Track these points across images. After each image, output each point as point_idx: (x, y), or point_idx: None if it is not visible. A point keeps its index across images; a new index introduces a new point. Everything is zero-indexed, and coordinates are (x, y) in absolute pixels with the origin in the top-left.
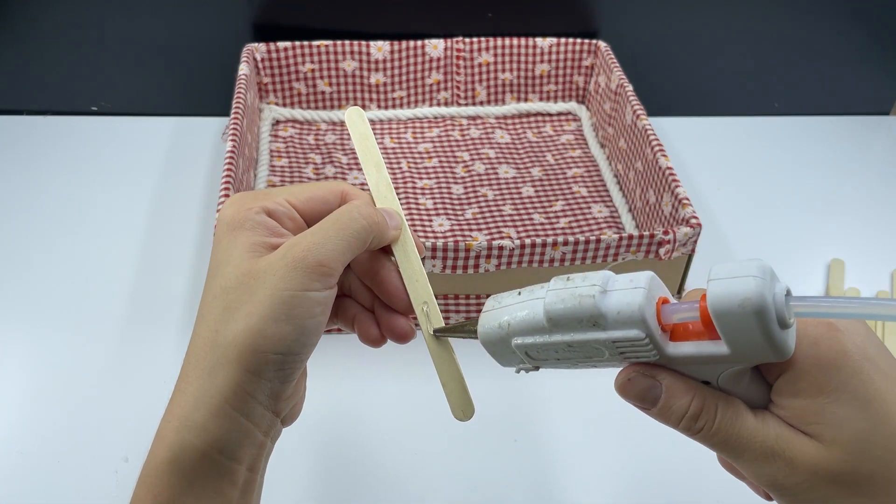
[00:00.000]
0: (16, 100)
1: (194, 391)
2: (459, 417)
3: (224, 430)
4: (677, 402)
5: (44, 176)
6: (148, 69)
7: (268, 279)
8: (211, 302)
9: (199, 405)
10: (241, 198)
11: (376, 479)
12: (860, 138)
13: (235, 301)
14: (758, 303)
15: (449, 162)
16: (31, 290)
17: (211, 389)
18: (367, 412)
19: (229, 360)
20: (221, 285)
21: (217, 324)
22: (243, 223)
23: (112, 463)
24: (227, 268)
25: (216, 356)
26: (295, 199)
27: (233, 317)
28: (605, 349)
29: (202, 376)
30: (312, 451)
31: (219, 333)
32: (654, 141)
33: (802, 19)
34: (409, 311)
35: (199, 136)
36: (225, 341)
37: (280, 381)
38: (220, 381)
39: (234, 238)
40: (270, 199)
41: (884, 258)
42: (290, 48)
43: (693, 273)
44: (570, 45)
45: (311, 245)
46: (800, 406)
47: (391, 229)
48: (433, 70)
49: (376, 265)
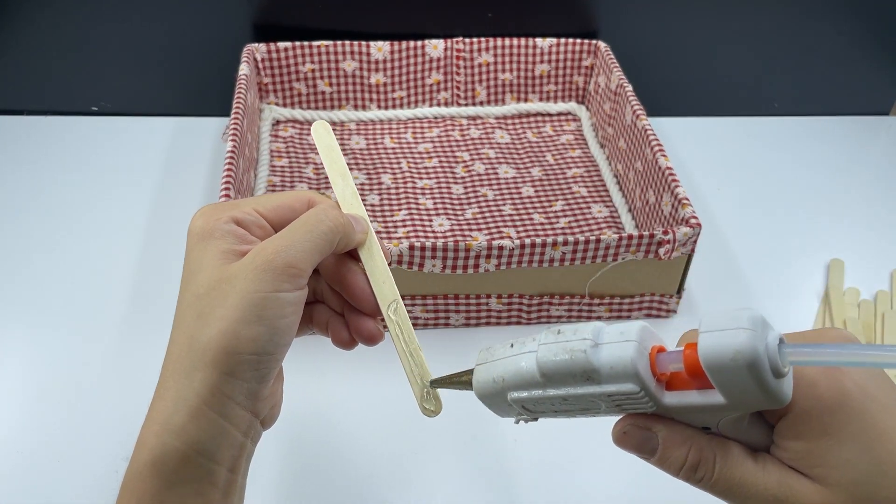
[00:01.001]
0: (16, 100)
1: (173, 395)
2: (428, 412)
3: (203, 431)
4: (674, 454)
5: (44, 176)
6: (148, 69)
7: (238, 283)
8: (185, 310)
9: (177, 408)
10: (210, 209)
11: (360, 480)
12: (860, 138)
13: (208, 306)
14: (750, 356)
15: (449, 162)
16: (32, 290)
17: (189, 392)
18: (345, 412)
19: (205, 363)
20: (194, 292)
21: (192, 329)
22: (213, 232)
23: (112, 462)
24: (199, 276)
25: (192, 360)
26: (262, 207)
27: (206, 321)
28: (601, 402)
29: (180, 380)
30: (292, 453)
31: (194, 339)
32: (653, 141)
33: (802, 19)
34: (375, 312)
35: (200, 136)
36: (200, 345)
37: (256, 381)
38: (198, 384)
39: (205, 247)
40: (238, 208)
41: (883, 258)
42: (291, 48)
43: (693, 273)
44: (570, 46)
45: (280, 248)
46: (802, 449)
47: (357, 233)
48: (433, 70)
49: (343, 269)
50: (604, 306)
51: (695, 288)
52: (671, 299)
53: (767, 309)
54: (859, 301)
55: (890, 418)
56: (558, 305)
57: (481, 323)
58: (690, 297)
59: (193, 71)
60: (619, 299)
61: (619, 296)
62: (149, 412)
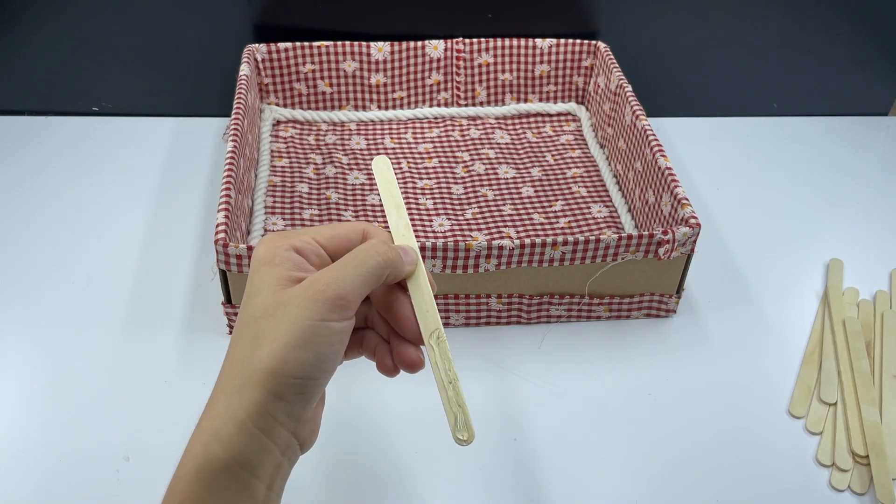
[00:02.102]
0: (17, 100)
1: (222, 409)
2: (460, 442)
3: (246, 444)
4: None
5: (45, 176)
6: (149, 70)
7: (291, 309)
8: (242, 330)
9: (225, 421)
10: (273, 237)
11: (360, 479)
12: (860, 138)
13: (262, 329)
14: None
15: (449, 162)
16: (32, 290)
17: (237, 408)
18: (345, 415)
19: (254, 381)
20: (251, 314)
21: (245, 350)
22: (273, 258)
23: (113, 462)
24: (257, 299)
25: (243, 378)
26: (321, 237)
27: (259, 343)
28: None
29: (230, 395)
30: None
31: (246, 359)
32: (653, 141)
33: (802, 20)
34: (418, 340)
35: (200, 136)
36: (251, 365)
37: (300, 403)
38: (246, 401)
39: (265, 273)
40: (298, 237)
41: (883, 258)
42: (291, 49)
43: (692, 273)
44: (570, 46)
45: (332, 280)
46: None
47: (406, 265)
48: (433, 71)
49: (392, 298)
50: (603, 306)
51: (694, 288)
52: (671, 299)
53: (767, 309)
54: (858, 301)
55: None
56: (558, 305)
57: (481, 323)
58: (690, 296)
59: (194, 71)
60: (618, 299)
61: (619, 295)
62: (198, 424)
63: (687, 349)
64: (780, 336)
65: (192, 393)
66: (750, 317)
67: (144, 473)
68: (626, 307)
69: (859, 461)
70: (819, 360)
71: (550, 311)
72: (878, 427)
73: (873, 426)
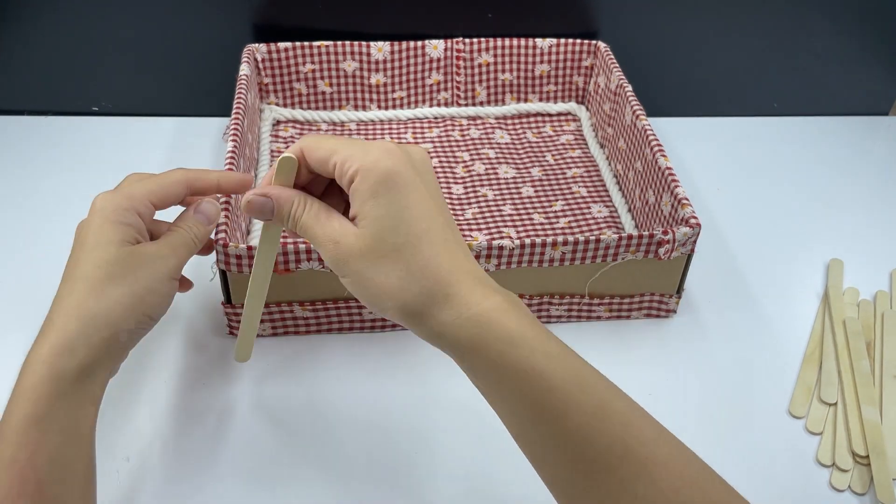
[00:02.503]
0: (16, 100)
1: (73, 332)
2: (239, 359)
3: (91, 360)
4: (283, 210)
5: (45, 176)
6: (149, 70)
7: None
8: (85, 275)
9: (77, 344)
10: (114, 197)
11: (360, 479)
12: (860, 138)
13: (107, 287)
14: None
15: (449, 162)
16: (32, 291)
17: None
18: (344, 410)
19: (99, 326)
20: (93, 265)
21: (86, 297)
22: (119, 218)
23: (113, 462)
24: (98, 253)
25: (88, 320)
26: (155, 198)
27: (103, 295)
28: None
29: (82, 322)
30: (294, 449)
31: (86, 305)
32: (653, 141)
33: (801, 19)
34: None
35: (200, 136)
36: (95, 312)
37: (136, 340)
38: (95, 339)
39: (109, 230)
40: (139, 201)
41: (883, 258)
42: (291, 48)
43: (692, 273)
44: (570, 46)
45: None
46: (357, 208)
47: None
48: (433, 70)
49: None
50: (603, 306)
51: (694, 288)
52: (671, 299)
53: (767, 309)
54: (858, 301)
55: (417, 195)
56: (558, 305)
57: None
58: (690, 296)
59: (194, 71)
60: (618, 299)
61: (619, 296)
62: (44, 338)
63: (687, 349)
64: (780, 336)
65: (192, 393)
66: (750, 317)
67: (144, 473)
68: (627, 307)
69: (859, 461)
70: (819, 360)
71: (550, 311)
72: (878, 427)
73: (873, 426)
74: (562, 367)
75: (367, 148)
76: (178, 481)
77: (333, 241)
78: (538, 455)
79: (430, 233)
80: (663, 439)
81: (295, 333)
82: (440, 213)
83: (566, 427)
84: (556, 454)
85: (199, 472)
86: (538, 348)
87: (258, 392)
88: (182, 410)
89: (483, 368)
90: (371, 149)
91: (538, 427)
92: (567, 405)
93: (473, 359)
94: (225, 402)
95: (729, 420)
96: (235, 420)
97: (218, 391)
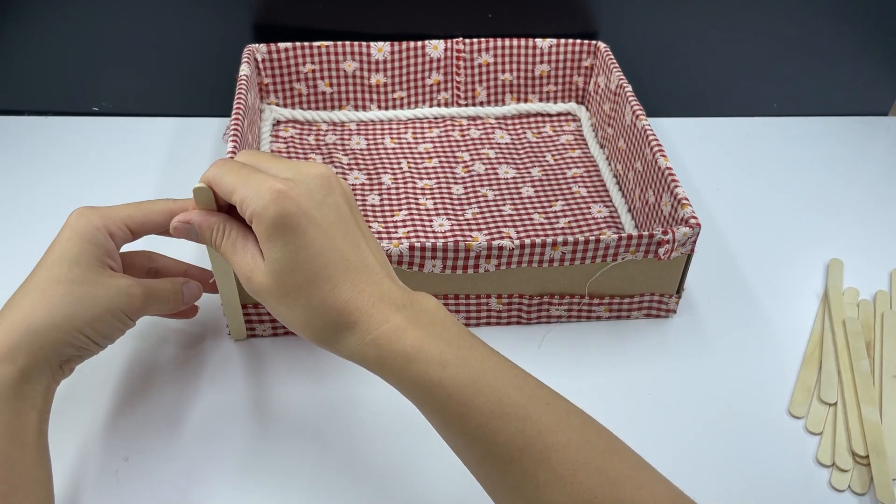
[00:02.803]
0: (16, 100)
1: (22, 340)
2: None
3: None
4: (205, 235)
5: (45, 176)
6: (149, 70)
7: (96, 308)
8: (47, 287)
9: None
10: (88, 213)
11: (360, 478)
12: (860, 138)
13: (70, 305)
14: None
15: (449, 162)
16: None
17: (35, 343)
18: (345, 412)
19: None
20: (63, 278)
21: (40, 310)
22: (90, 237)
23: (112, 463)
24: (72, 270)
25: (44, 334)
26: (132, 223)
27: (65, 310)
28: None
29: (32, 334)
30: (294, 449)
31: (42, 319)
32: (653, 141)
33: (802, 19)
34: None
35: (201, 136)
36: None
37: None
38: (48, 346)
39: (81, 247)
40: (113, 222)
41: (883, 258)
42: (291, 49)
43: (692, 273)
44: (570, 46)
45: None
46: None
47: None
48: (433, 70)
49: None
50: (603, 306)
51: (694, 288)
52: (671, 299)
53: (767, 309)
54: (858, 301)
55: (311, 232)
56: (558, 305)
57: (481, 323)
58: (690, 297)
59: (194, 71)
60: (618, 299)
61: (619, 296)
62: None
63: (687, 349)
64: (780, 336)
65: (192, 393)
66: (750, 317)
67: (144, 473)
68: (627, 307)
69: (859, 461)
70: (819, 360)
71: (550, 312)
72: (878, 427)
73: (873, 426)
74: (458, 374)
75: (260, 189)
76: (178, 481)
77: (246, 276)
78: (458, 455)
79: (328, 267)
80: (563, 425)
81: (295, 334)
82: (342, 239)
83: (468, 429)
84: (466, 454)
85: (198, 472)
86: (434, 360)
87: (258, 392)
88: (181, 410)
89: (392, 383)
90: (263, 191)
91: (446, 432)
92: (467, 409)
93: (382, 376)
94: (225, 402)
95: (729, 420)
96: (235, 420)
97: (217, 391)
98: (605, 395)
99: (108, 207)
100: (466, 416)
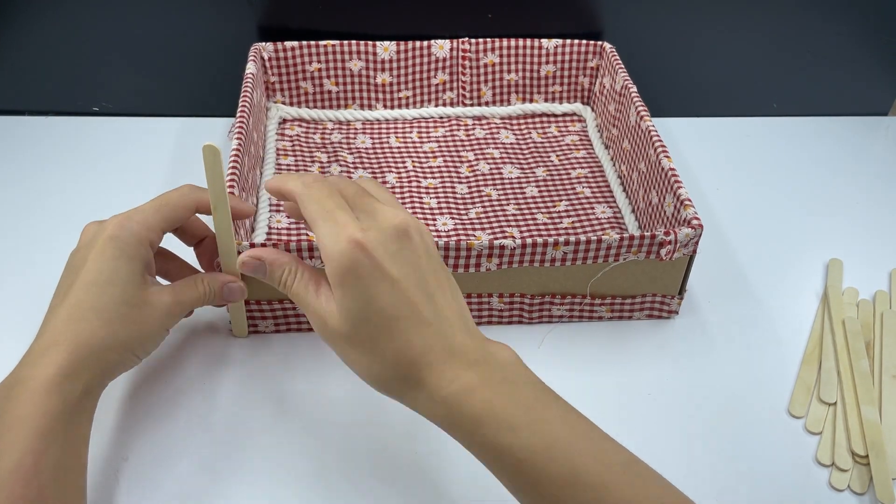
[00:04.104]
0: (17, 100)
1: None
2: (237, 334)
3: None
4: (276, 274)
5: (47, 177)
6: (154, 69)
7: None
8: (96, 307)
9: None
10: (127, 223)
11: (360, 478)
12: (860, 138)
13: (118, 322)
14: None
15: (454, 162)
16: (34, 291)
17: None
18: (345, 410)
19: (97, 358)
20: (110, 300)
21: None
22: (132, 253)
23: (112, 463)
24: (114, 289)
25: (91, 351)
26: (168, 224)
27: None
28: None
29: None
30: (322, 457)
31: (91, 337)
32: (657, 142)
33: (802, 19)
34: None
35: (206, 136)
36: (101, 344)
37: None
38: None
39: (123, 265)
40: (153, 231)
41: (883, 258)
42: (297, 47)
43: (694, 273)
44: (576, 47)
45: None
46: (332, 289)
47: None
48: (439, 70)
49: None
50: (605, 306)
51: (696, 289)
52: (673, 300)
53: (767, 309)
54: (858, 301)
55: (385, 283)
56: (559, 305)
57: (483, 322)
58: (692, 297)
59: (198, 72)
60: (620, 299)
61: (621, 296)
62: (41, 354)
63: (688, 350)
64: (780, 336)
65: (192, 393)
66: (750, 317)
67: (144, 473)
68: (628, 308)
69: (859, 461)
70: (819, 360)
71: (552, 311)
72: (877, 427)
73: (873, 426)
74: (529, 440)
75: (339, 236)
76: (179, 481)
77: (320, 318)
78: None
79: (400, 321)
80: (642, 496)
81: (297, 331)
82: (415, 291)
83: (541, 496)
84: None
85: (198, 472)
86: (503, 424)
87: (260, 391)
88: (182, 410)
89: (463, 444)
90: (341, 238)
91: (518, 495)
92: (538, 476)
93: (451, 434)
94: (226, 401)
95: (728, 420)
96: (237, 419)
97: (219, 390)
98: (606, 396)
99: (143, 214)
100: (538, 485)
